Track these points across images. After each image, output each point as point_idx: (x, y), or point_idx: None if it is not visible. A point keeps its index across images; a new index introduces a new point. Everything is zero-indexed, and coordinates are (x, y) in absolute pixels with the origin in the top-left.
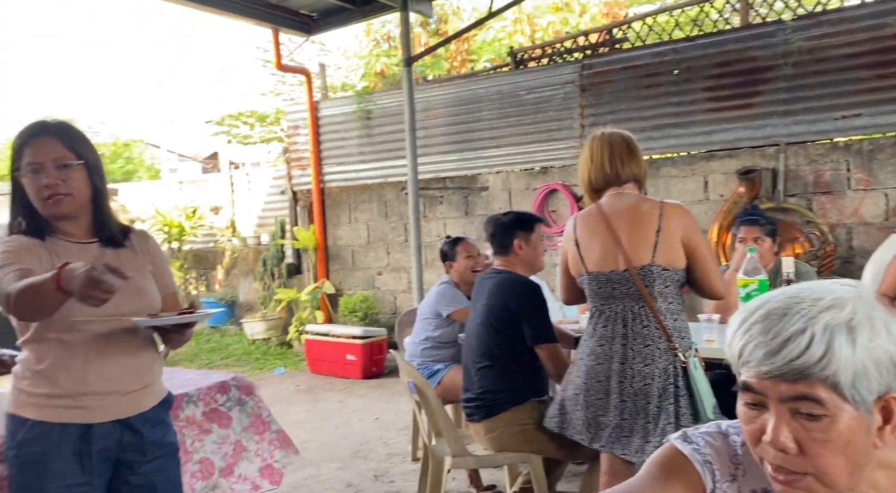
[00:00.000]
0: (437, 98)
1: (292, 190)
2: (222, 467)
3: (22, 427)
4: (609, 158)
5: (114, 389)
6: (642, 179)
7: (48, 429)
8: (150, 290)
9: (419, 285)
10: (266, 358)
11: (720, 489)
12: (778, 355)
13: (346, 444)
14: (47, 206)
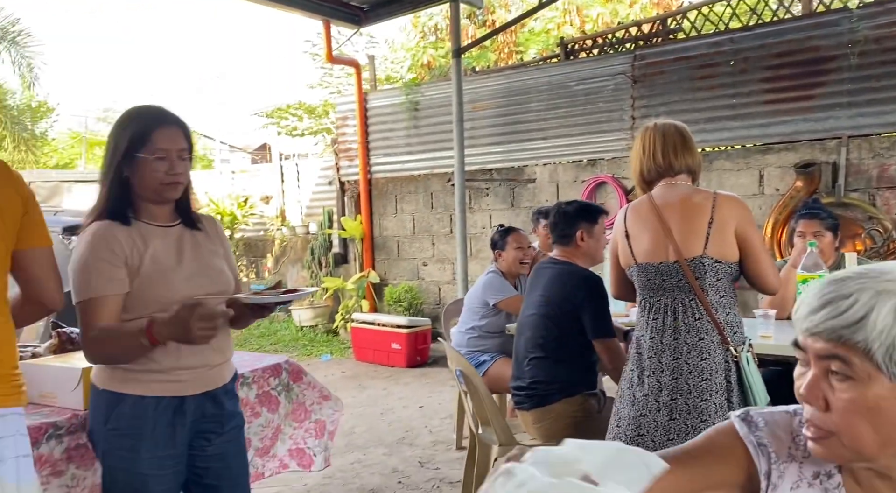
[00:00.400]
0: (484, 89)
1: (340, 181)
2: (259, 447)
3: (118, 402)
4: (661, 149)
5: (204, 362)
6: (696, 171)
7: (146, 403)
8: (226, 271)
9: (464, 276)
10: (313, 345)
11: (777, 470)
12: (818, 313)
13: (391, 430)
14: (164, 190)
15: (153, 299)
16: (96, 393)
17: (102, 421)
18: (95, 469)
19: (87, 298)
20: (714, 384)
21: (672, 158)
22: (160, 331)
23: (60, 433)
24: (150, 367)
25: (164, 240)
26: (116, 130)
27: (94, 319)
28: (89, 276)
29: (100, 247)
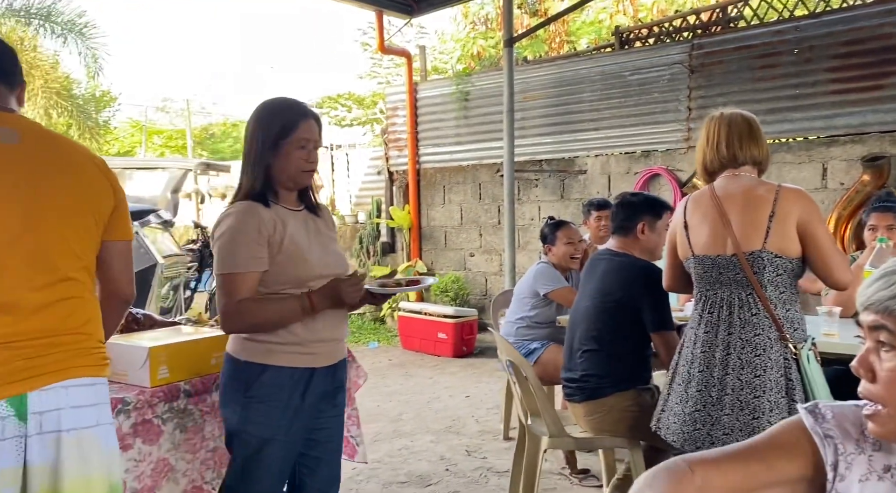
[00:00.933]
0: (535, 79)
1: (389, 171)
2: None
3: (261, 373)
4: (726, 139)
5: (334, 336)
6: (762, 162)
7: (284, 373)
8: (344, 255)
9: (511, 267)
10: (361, 332)
11: (845, 461)
12: (871, 287)
13: (438, 418)
14: (302, 177)
15: (290, 277)
16: (236, 365)
17: (242, 390)
18: (160, 445)
19: (231, 272)
20: (768, 381)
21: (736, 148)
22: (319, 300)
23: (128, 408)
24: (290, 339)
25: (296, 223)
26: (264, 119)
27: (236, 292)
28: (235, 251)
29: (248, 225)
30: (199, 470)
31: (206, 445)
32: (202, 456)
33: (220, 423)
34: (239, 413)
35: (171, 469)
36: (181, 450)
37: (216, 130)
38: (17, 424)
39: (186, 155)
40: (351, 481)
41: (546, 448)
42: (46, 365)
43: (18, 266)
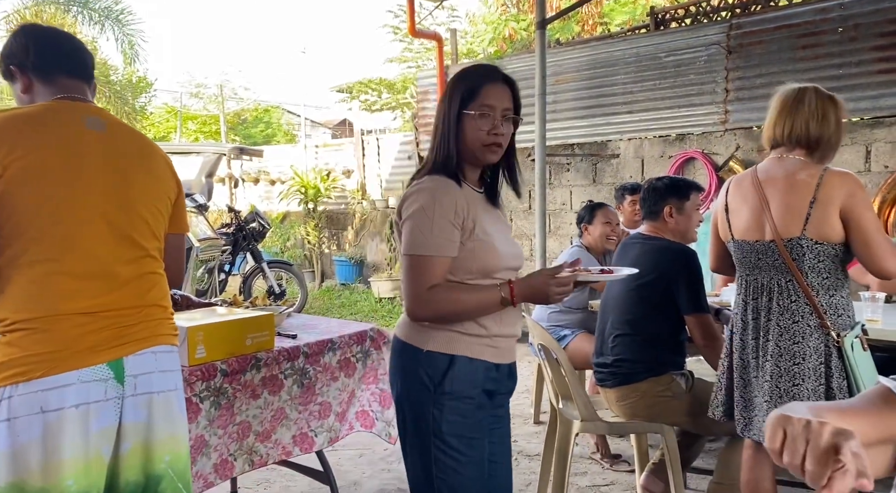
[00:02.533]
0: (568, 62)
1: (419, 155)
2: (338, 412)
3: (450, 365)
4: (776, 116)
5: (514, 332)
6: (817, 144)
7: (475, 365)
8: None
9: (542, 252)
10: (391, 316)
11: None
12: None
13: None
14: (484, 152)
15: (478, 267)
16: (417, 356)
17: (432, 385)
18: (198, 423)
19: (425, 254)
20: (806, 369)
21: (778, 127)
22: (521, 292)
23: None
24: (479, 332)
25: (482, 206)
26: (450, 86)
27: (429, 277)
28: (431, 232)
29: (444, 204)
30: (226, 444)
31: (234, 419)
32: (230, 431)
33: (248, 399)
34: (431, 412)
35: (205, 445)
36: (214, 426)
37: (248, 115)
38: (115, 386)
39: (220, 140)
40: (383, 461)
41: (578, 432)
42: (138, 332)
43: (112, 242)
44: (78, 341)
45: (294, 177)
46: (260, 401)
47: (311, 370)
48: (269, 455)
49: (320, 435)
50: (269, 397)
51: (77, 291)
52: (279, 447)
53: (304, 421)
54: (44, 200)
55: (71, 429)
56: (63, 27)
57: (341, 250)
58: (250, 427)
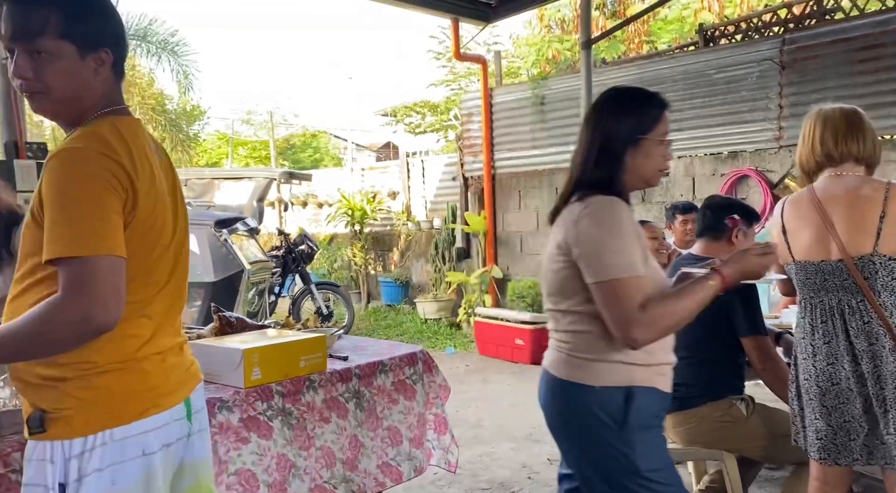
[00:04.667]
0: (614, 81)
1: (464, 176)
2: (411, 437)
3: (626, 398)
4: (820, 137)
5: (674, 360)
6: (866, 158)
7: (653, 396)
8: None
9: None
10: (437, 337)
11: None
12: None
13: (518, 426)
14: (656, 177)
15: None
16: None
17: (613, 422)
18: (274, 440)
19: (624, 276)
20: (892, 393)
21: (831, 146)
22: (731, 273)
23: (229, 404)
24: (649, 360)
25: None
26: (621, 109)
27: (636, 296)
28: (628, 253)
29: (628, 225)
30: (315, 468)
31: (314, 443)
32: (315, 454)
33: (319, 422)
34: (620, 451)
35: (292, 466)
36: (294, 446)
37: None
38: (186, 423)
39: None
40: (433, 485)
41: None
42: (192, 367)
43: (172, 276)
44: (168, 380)
45: (341, 199)
46: (332, 426)
47: (367, 393)
48: (366, 485)
49: (403, 465)
50: (339, 421)
51: (158, 329)
52: (371, 477)
53: (379, 449)
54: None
55: (161, 472)
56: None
57: (387, 271)
58: (333, 454)
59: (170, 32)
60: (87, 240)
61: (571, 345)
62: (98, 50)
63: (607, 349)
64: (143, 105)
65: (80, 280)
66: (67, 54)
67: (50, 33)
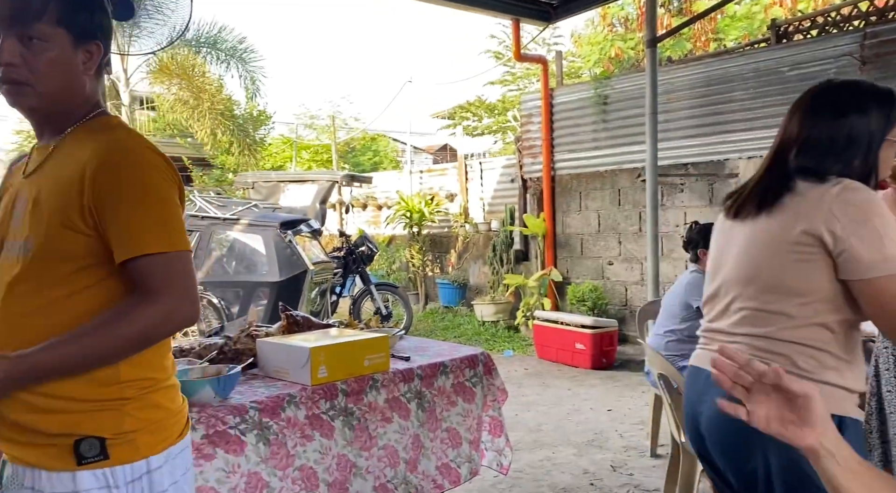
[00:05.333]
0: (681, 79)
1: (522, 178)
2: (470, 439)
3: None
4: None
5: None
6: None
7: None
8: None
9: (654, 277)
10: (495, 340)
11: None
12: None
13: (579, 431)
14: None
15: None
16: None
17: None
18: (335, 441)
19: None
20: None
21: None
22: None
23: (296, 401)
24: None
25: None
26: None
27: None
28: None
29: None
30: (378, 467)
31: (376, 443)
32: (377, 454)
33: (381, 421)
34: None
35: (353, 466)
36: (354, 447)
37: (356, 143)
38: None
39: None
40: (493, 488)
41: (703, 469)
42: None
43: None
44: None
45: (400, 202)
46: (395, 425)
47: (427, 394)
48: (423, 488)
49: (462, 467)
50: (401, 421)
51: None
52: (429, 479)
53: (439, 450)
54: None
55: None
56: (194, 67)
57: (444, 272)
58: (397, 454)
59: (238, 39)
60: (178, 234)
61: (785, 358)
62: (90, 42)
63: (832, 366)
64: (213, 110)
65: (174, 275)
66: (61, 43)
67: (48, 18)
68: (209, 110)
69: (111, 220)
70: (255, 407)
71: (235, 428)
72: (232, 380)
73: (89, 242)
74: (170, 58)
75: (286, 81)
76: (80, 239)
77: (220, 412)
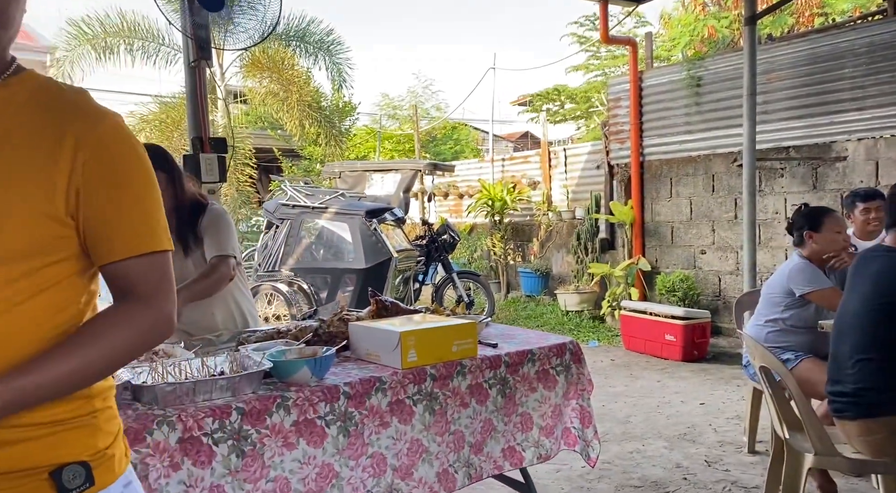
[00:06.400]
0: (782, 57)
1: (609, 164)
2: (542, 426)
3: None
4: None
5: None
6: None
7: None
8: None
9: (751, 266)
10: (579, 329)
11: None
12: None
13: (670, 424)
14: None
15: None
16: None
17: None
18: (412, 425)
19: None
20: None
21: None
22: None
23: (385, 387)
24: None
25: None
26: None
27: None
28: None
29: None
30: (445, 453)
31: (449, 428)
32: (447, 439)
33: (458, 407)
34: None
35: (424, 451)
36: (431, 432)
37: (438, 133)
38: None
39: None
40: (582, 479)
41: (810, 467)
42: None
43: None
44: None
45: (481, 190)
46: (469, 410)
47: (511, 380)
48: (484, 469)
49: (528, 450)
50: (476, 406)
51: None
52: (491, 460)
53: (510, 434)
54: None
55: None
56: (283, 61)
57: (526, 261)
58: (464, 438)
59: (325, 31)
60: (166, 233)
61: None
62: None
63: None
64: (301, 102)
65: (166, 277)
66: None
67: None
68: (297, 103)
69: (99, 211)
70: (347, 393)
71: (322, 419)
72: (327, 361)
73: (64, 232)
74: (261, 52)
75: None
76: (48, 226)
77: (315, 396)
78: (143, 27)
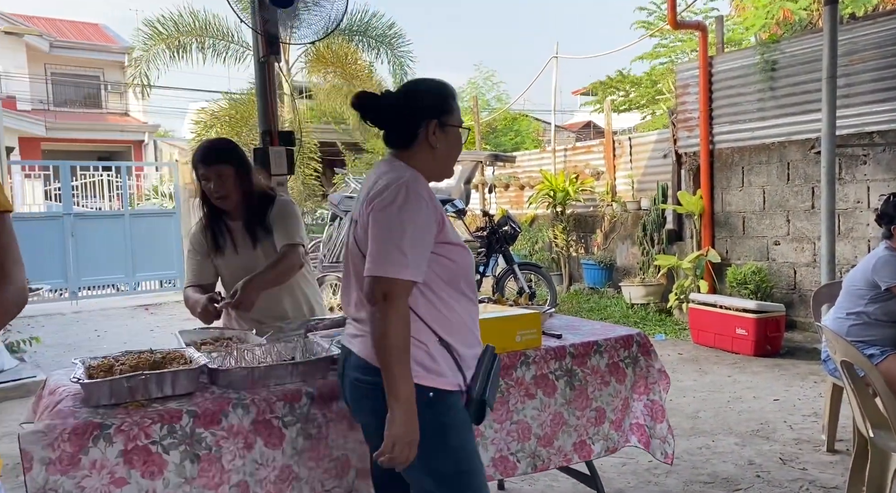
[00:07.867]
0: (866, 38)
1: (676, 153)
2: (612, 419)
3: None
4: None
5: None
6: None
7: None
8: None
9: (829, 258)
10: (645, 323)
11: None
12: None
13: (742, 420)
14: None
15: None
16: None
17: None
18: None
19: None
20: None
21: None
22: None
23: None
24: None
25: None
26: None
27: None
28: None
29: None
30: (505, 441)
31: (511, 417)
32: (507, 428)
33: (523, 397)
34: None
35: (479, 435)
36: (489, 419)
37: (498, 124)
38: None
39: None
40: (649, 473)
41: None
42: None
43: None
44: None
45: (543, 181)
46: (535, 402)
47: (579, 372)
48: (552, 461)
49: (597, 443)
50: (544, 398)
51: None
52: (561, 453)
53: (582, 428)
54: None
55: None
56: (346, 55)
57: (589, 253)
58: (530, 429)
59: (387, 25)
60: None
61: None
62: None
63: None
64: None
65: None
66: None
67: None
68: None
69: None
70: None
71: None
72: None
73: None
74: (325, 47)
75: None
76: None
77: None
78: (214, 25)
